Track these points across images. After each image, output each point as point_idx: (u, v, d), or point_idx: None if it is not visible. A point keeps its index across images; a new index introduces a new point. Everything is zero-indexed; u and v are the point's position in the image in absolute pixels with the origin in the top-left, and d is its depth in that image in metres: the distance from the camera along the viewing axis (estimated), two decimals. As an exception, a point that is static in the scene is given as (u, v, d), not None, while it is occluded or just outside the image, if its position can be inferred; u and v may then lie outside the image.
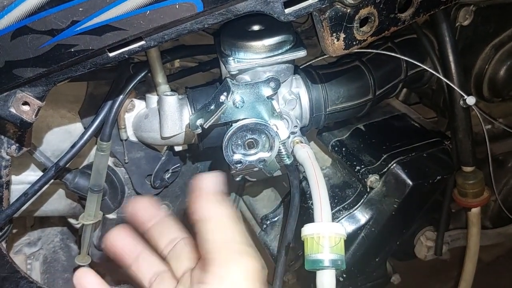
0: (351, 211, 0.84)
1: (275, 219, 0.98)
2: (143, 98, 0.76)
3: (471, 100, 0.78)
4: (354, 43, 0.60)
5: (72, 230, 1.06)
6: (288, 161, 0.68)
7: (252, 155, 0.66)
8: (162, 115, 0.71)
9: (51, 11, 0.46)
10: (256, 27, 0.69)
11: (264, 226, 0.97)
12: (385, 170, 0.81)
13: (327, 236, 0.61)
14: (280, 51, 0.66)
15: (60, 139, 0.78)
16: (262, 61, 0.66)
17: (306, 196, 0.85)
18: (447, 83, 0.80)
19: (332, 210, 0.70)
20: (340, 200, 0.86)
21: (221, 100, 0.63)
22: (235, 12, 0.52)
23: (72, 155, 0.71)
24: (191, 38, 0.79)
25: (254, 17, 0.66)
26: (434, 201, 0.91)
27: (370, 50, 0.81)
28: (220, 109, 0.62)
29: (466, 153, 0.86)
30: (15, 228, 0.98)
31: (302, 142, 0.73)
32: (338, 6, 0.56)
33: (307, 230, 0.63)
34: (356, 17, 0.57)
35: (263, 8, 0.52)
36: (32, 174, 0.78)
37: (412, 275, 1.11)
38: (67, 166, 0.73)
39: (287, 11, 0.53)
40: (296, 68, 0.76)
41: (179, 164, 0.84)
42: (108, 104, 0.71)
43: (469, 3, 0.82)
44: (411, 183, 0.80)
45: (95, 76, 0.75)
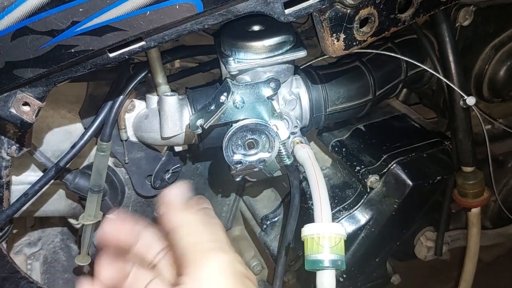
0: (351, 211, 0.84)
1: (275, 219, 0.98)
2: (143, 98, 0.76)
3: (471, 101, 0.78)
4: (354, 43, 0.60)
5: (72, 230, 1.05)
6: (288, 161, 0.68)
7: (252, 155, 0.66)
8: (162, 116, 0.71)
9: (51, 11, 0.46)
10: (256, 28, 0.69)
11: (264, 227, 0.97)
12: (385, 170, 0.81)
13: (327, 237, 0.61)
14: (280, 52, 0.66)
15: (60, 139, 0.78)
16: (262, 61, 0.66)
17: (306, 197, 0.85)
18: (447, 84, 0.80)
19: (332, 210, 0.70)
20: (340, 200, 0.86)
21: (221, 101, 0.63)
22: (235, 12, 0.52)
23: (72, 156, 0.71)
24: (191, 39, 0.79)
25: (254, 17, 0.66)
26: (434, 201, 0.91)
27: (370, 51, 0.81)
28: (220, 109, 0.62)
29: (466, 153, 0.86)
30: (15, 228, 0.98)
31: (302, 143, 0.73)
32: (338, 7, 0.56)
33: (307, 231, 0.63)
34: (356, 17, 0.57)
35: (263, 8, 0.53)
36: (33, 175, 0.78)
37: (412, 275, 1.11)
38: (67, 166, 0.73)
39: (287, 11, 0.53)
40: (296, 68, 0.76)
41: (179, 165, 0.84)
42: (108, 104, 0.71)
43: (469, 3, 0.82)
44: (411, 183, 0.80)
45: (95, 77, 0.75)
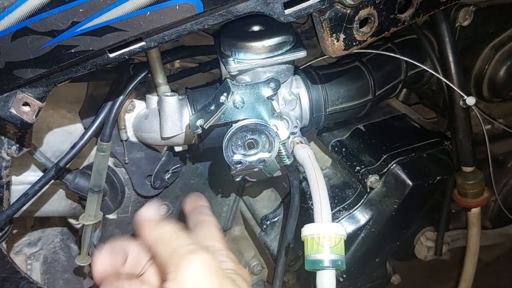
0: (351, 211, 0.84)
1: (275, 219, 0.98)
2: (143, 98, 0.76)
3: (471, 101, 0.78)
4: (354, 43, 0.60)
5: (72, 231, 1.05)
6: (288, 161, 0.68)
7: (252, 155, 0.66)
8: (162, 116, 0.71)
9: (52, 12, 0.46)
10: (256, 28, 0.69)
11: (264, 227, 0.97)
12: (385, 170, 0.81)
13: (327, 237, 0.61)
14: (280, 52, 0.67)
15: (60, 139, 0.78)
16: (262, 61, 0.66)
17: (306, 197, 0.85)
18: (447, 84, 0.80)
19: (332, 210, 0.70)
20: (340, 200, 0.86)
21: (221, 101, 0.63)
22: (235, 13, 0.52)
23: (72, 156, 0.71)
24: (191, 39, 0.79)
25: (254, 17, 0.66)
26: (434, 201, 0.91)
27: (370, 51, 0.81)
28: (220, 109, 0.62)
29: (466, 153, 0.86)
30: (15, 228, 0.98)
31: (302, 143, 0.73)
32: (338, 7, 0.56)
33: (307, 231, 0.63)
34: (356, 17, 0.57)
35: (263, 9, 0.53)
36: (33, 175, 0.78)
37: (412, 275, 1.11)
38: (67, 166, 0.73)
39: (287, 12, 0.53)
40: (296, 68, 0.76)
41: (179, 165, 0.84)
42: (108, 104, 0.71)
43: (469, 3, 0.82)
44: (411, 183, 0.80)
45: (95, 77, 0.75)
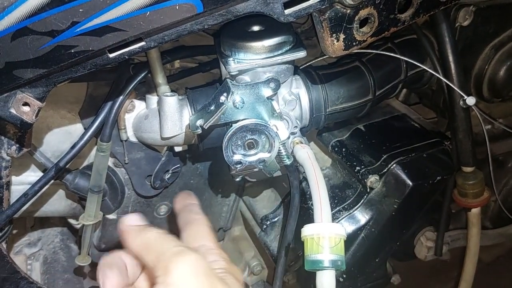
0: (351, 211, 0.84)
1: (275, 219, 0.98)
2: (143, 98, 0.76)
3: (471, 101, 0.78)
4: (354, 43, 0.60)
5: (72, 231, 1.05)
6: (288, 161, 0.68)
7: (252, 155, 0.66)
8: (162, 116, 0.71)
9: (51, 12, 0.46)
10: (256, 28, 0.69)
11: (264, 227, 0.97)
12: (385, 170, 0.81)
13: (327, 237, 0.61)
14: (280, 52, 0.66)
15: (60, 139, 0.78)
16: (262, 61, 0.66)
17: (306, 197, 0.85)
18: (447, 84, 0.80)
19: (332, 210, 0.70)
20: (340, 200, 0.86)
21: (221, 101, 0.63)
22: (235, 13, 0.52)
23: (72, 156, 0.71)
24: (191, 39, 0.79)
25: (254, 17, 0.66)
26: (434, 201, 0.91)
27: (370, 51, 0.81)
28: (220, 109, 0.62)
29: (466, 153, 0.86)
30: (15, 228, 0.98)
31: (302, 143, 0.73)
32: (338, 7, 0.56)
33: (307, 231, 0.63)
34: (356, 17, 0.57)
35: (263, 9, 0.52)
36: (32, 175, 0.78)
37: (412, 275, 1.11)
38: (67, 166, 0.73)
39: (287, 12, 0.53)
40: (296, 68, 0.76)
41: (179, 165, 0.84)
42: (108, 104, 0.71)
43: (469, 3, 0.82)
44: (411, 183, 0.80)
45: (95, 77, 0.75)
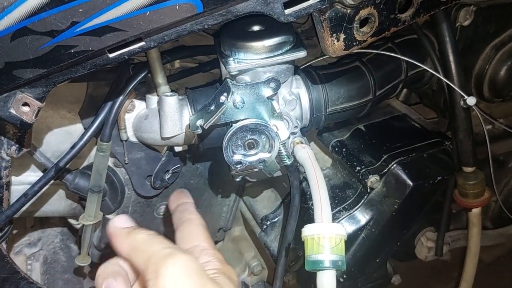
0: (352, 211, 0.83)
1: (275, 219, 0.98)
2: (143, 98, 0.76)
3: (471, 101, 0.78)
4: (354, 43, 0.60)
5: (72, 231, 1.05)
6: (288, 161, 0.68)
7: (252, 155, 0.65)
8: (162, 116, 0.71)
9: (51, 12, 0.46)
10: (256, 28, 0.69)
11: (264, 227, 0.97)
12: (385, 170, 0.81)
13: (328, 237, 0.61)
14: (280, 52, 0.66)
15: (60, 139, 0.78)
16: (262, 61, 0.66)
17: (306, 197, 0.85)
18: (447, 84, 0.80)
19: (332, 210, 0.70)
20: (341, 200, 0.86)
21: (221, 101, 0.62)
22: (235, 12, 0.52)
23: (72, 156, 0.70)
24: (191, 39, 0.78)
25: (254, 17, 0.66)
26: (435, 201, 0.91)
27: (370, 51, 0.80)
28: (220, 109, 0.62)
29: (467, 153, 0.86)
30: (15, 228, 0.98)
31: (302, 143, 0.73)
32: (338, 7, 0.56)
33: (308, 231, 0.63)
34: (356, 17, 0.57)
35: (263, 9, 0.52)
36: (32, 175, 0.78)
37: (413, 275, 1.11)
38: (67, 166, 0.73)
39: (287, 11, 0.53)
40: (296, 68, 0.76)
41: (179, 165, 0.84)
42: (108, 104, 0.71)
43: (469, 3, 0.82)
44: (411, 183, 0.79)
45: (95, 77, 0.75)
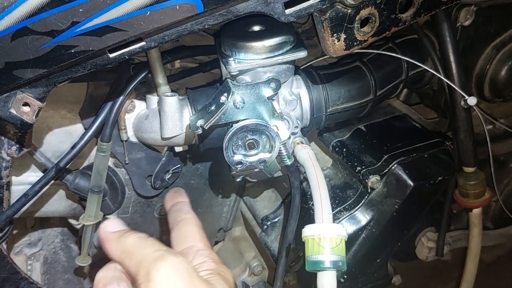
0: (352, 212, 0.83)
1: (276, 219, 0.98)
2: (143, 98, 0.76)
3: (472, 101, 0.78)
4: (355, 43, 0.60)
5: (73, 231, 1.05)
6: (288, 161, 0.68)
7: (252, 155, 0.65)
8: (163, 116, 0.70)
9: (51, 12, 0.46)
10: (256, 28, 0.69)
11: (265, 227, 0.97)
12: (386, 170, 0.81)
13: (328, 237, 0.61)
14: (280, 52, 0.66)
15: (61, 140, 0.78)
16: (263, 61, 0.66)
17: (306, 197, 0.85)
18: (448, 84, 0.80)
19: (333, 211, 0.70)
20: (341, 200, 0.86)
21: (221, 101, 0.62)
22: (236, 12, 0.52)
23: (73, 156, 0.70)
24: (192, 39, 0.78)
25: (255, 17, 0.66)
26: (435, 202, 0.90)
27: (371, 51, 0.80)
28: (220, 109, 0.62)
29: (468, 153, 0.86)
30: (15, 229, 0.98)
31: (302, 143, 0.73)
32: (339, 7, 0.56)
33: (308, 231, 0.63)
34: (357, 17, 0.57)
35: (264, 8, 0.52)
36: (33, 175, 0.78)
37: (413, 276, 1.11)
38: (68, 167, 0.73)
39: (288, 11, 0.53)
40: (297, 68, 0.76)
41: (179, 165, 0.84)
42: (109, 105, 0.71)
43: (470, 3, 0.82)
44: (412, 183, 0.79)
45: (95, 77, 0.75)
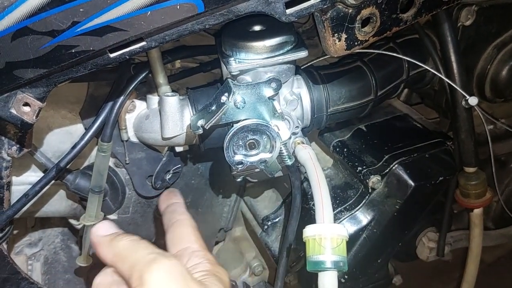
0: (353, 212, 0.83)
1: (276, 220, 0.97)
2: (144, 98, 0.76)
3: (473, 101, 0.78)
4: (356, 43, 0.59)
5: (73, 231, 1.05)
6: (289, 161, 0.68)
7: (253, 155, 0.65)
8: (163, 116, 0.70)
9: (52, 12, 0.46)
10: (257, 28, 0.69)
11: (265, 227, 0.97)
12: (387, 170, 0.81)
13: (329, 238, 0.61)
14: (281, 52, 0.66)
15: (61, 140, 0.78)
16: (263, 61, 0.66)
17: (307, 197, 0.85)
18: (449, 84, 0.80)
19: (333, 211, 0.70)
20: (342, 201, 0.86)
21: (222, 101, 0.62)
22: (236, 12, 0.52)
23: (73, 156, 0.70)
24: (192, 39, 0.78)
25: (256, 17, 0.66)
26: (436, 202, 0.90)
27: (371, 51, 0.80)
28: (221, 109, 0.62)
29: (469, 153, 0.86)
30: (16, 229, 0.98)
31: (303, 143, 0.73)
32: (340, 7, 0.55)
33: (309, 232, 0.63)
34: (358, 17, 0.57)
35: (265, 8, 0.52)
36: (33, 175, 0.78)
37: (414, 276, 1.11)
38: (68, 167, 0.73)
39: (289, 11, 0.53)
40: (298, 68, 0.76)
41: (180, 165, 0.84)
42: (109, 105, 0.71)
43: (471, 3, 0.82)
44: (413, 184, 0.79)
45: (96, 77, 0.75)
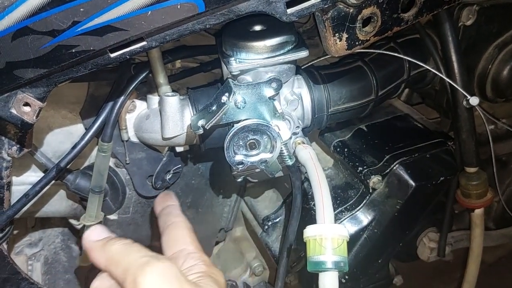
0: (354, 212, 0.83)
1: (277, 220, 0.97)
2: (144, 98, 0.76)
3: (474, 101, 0.78)
4: (357, 43, 0.59)
5: (73, 231, 1.05)
6: (290, 162, 0.68)
7: (254, 156, 0.65)
8: (163, 116, 0.70)
9: (52, 11, 0.46)
10: (258, 28, 0.68)
11: (266, 227, 0.97)
12: (387, 171, 0.81)
13: (330, 238, 0.61)
14: (282, 52, 0.66)
15: (61, 140, 0.78)
16: (264, 61, 0.66)
17: (308, 197, 0.84)
18: (450, 84, 0.80)
19: (334, 211, 0.70)
20: (343, 201, 0.85)
21: (222, 101, 0.62)
22: (237, 12, 0.52)
23: (73, 156, 0.70)
24: (193, 39, 0.78)
25: (256, 17, 0.66)
26: (437, 202, 0.90)
27: (372, 50, 0.80)
28: (221, 109, 0.62)
29: (470, 153, 0.86)
30: (16, 229, 0.98)
31: (304, 143, 0.73)
32: (341, 6, 0.55)
33: (310, 232, 0.63)
34: (359, 17, 0.57)
35: (265, 8, 0.52)
36: (33, 175, 0.78)
37: (415, 276, 1.11)
38: (68, 167, 0.73)
39: (289, 11, 0.53)
40: (298, 68, 0.76)
41: (180, 165, 0.84)
42: (109, 104, 0.71)
43: (472, 3, 0.82)
44: (414, 184, 0.79)
45: (96, 77, 0.75)
